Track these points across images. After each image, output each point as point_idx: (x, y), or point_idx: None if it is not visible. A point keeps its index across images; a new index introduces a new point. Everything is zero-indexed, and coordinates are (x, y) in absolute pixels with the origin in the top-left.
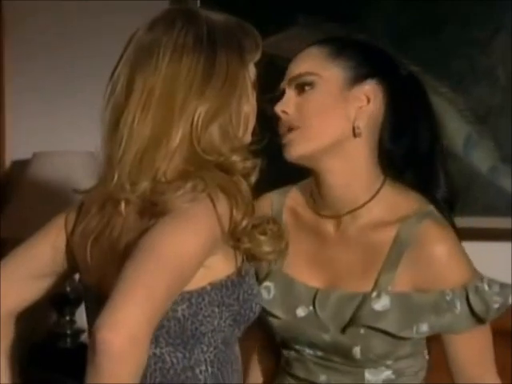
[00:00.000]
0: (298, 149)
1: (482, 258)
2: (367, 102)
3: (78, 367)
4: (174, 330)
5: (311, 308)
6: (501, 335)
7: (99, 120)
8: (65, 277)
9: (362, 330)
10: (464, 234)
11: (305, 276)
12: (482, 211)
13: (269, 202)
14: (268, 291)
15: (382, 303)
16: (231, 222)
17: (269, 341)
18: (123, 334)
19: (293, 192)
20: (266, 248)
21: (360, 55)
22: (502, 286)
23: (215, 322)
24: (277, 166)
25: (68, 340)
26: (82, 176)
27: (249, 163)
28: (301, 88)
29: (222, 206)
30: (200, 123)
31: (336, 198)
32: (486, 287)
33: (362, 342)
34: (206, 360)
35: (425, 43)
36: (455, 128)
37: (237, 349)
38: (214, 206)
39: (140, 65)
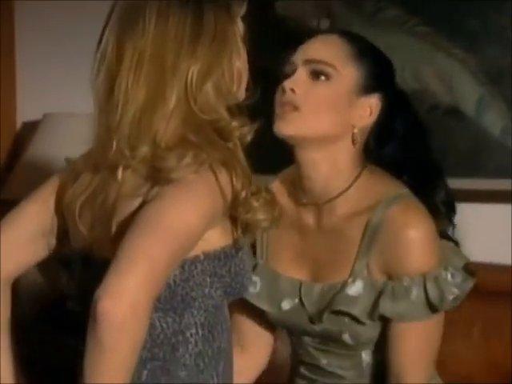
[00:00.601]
0: (290, 128)
1: (494, 220)
2: (369, 114)
3: None
4: (164, 295)
5: (297, 300)
6: (501, 296)
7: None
8: (59, 240)
9: (347, 319)
10: (476, 196)
11: (289, 269)
12: (493, 173)
13: None
14: (254, 285)
15: (355, 288)
16: (232, 193)
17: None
18: (124, 304)
19: (276, 183)
20: (261, 215)
21: (375, 65)
22: (466, 277)
23: (206, 290)
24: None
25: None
26: (91, 137)
27: (246, 129)
28: (315, 75)
29: (224, 178)
30: (194, 82)
31: (315, 188)
32: (449, 277)
33: (349, 328)
34: (196, 323)
35: (437, 3)
36: (467, 89)
37: (226, 310)
38: (217, 178)
39: (127, 29)
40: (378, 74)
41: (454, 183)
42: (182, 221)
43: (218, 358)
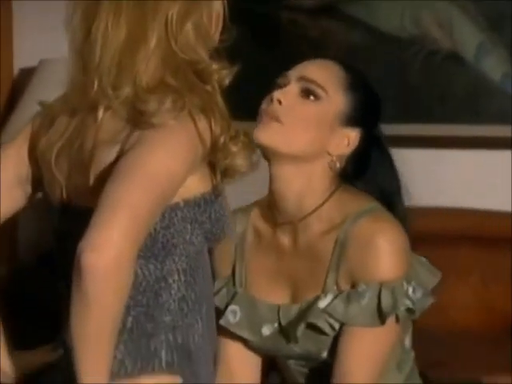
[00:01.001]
0: (269, 138)
1: (494, 167)
2: (346, 145)
3: None
4: (145, 243)
5: (276, 325)
6: (500, 242)
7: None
8: (34, 188)
9: (323, 336)
10: (476, 143)
11: (268, 294)
12: (493, 118)
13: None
14: (234, 315)
15: (325, 302)
16: (211, 139)
17: None
18: (108, 255)
19: (255, 209)
20: (239, 160)
21: (364, 101)
22: (426, 294)
23: (187, 237)
24: None
25: None
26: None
27: (225, 72)
28: (306, 93)
29: (203, 124)
30: (174, 23)
31: (288, 205)
32: (410, 290)
33: (326, 346)
34: (178, 270)
35: None
36: (467, 35)
37: (206, 254)
38: (196, 124)
39: None
40: (365, 111)
41: (454, 130)
42: (163, 168)
43: (201, 302)
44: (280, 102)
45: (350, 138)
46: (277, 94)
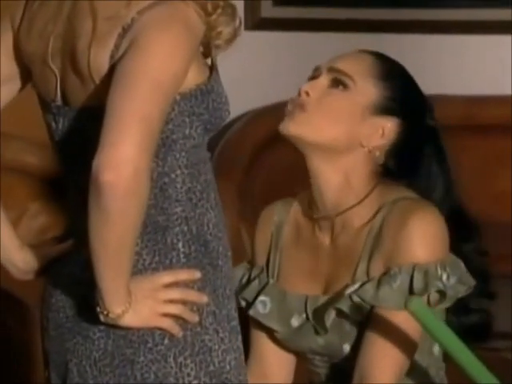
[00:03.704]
0: (295, 128)
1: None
2: (381, 135)
3: None
4: None
5: (304, 316)
6: (501, 129)
7: None
8: (24, 81)
9: (347, 326)
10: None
11: (298, 287)
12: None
13: (270, 214)
14: (264, 305)
15: (352, 288)
16: (204, 12)
17: None
18: (127, 172)
19: (297, 202)
20: (224, 27)
21: (400, 90)
22: (460, 282)
23: (186, 131)
24: None
25: None
26: None
27: None
28: (335, 83)
29: (193, 5)
30: None
31: (326, 200)
32: (445, 277)
33: (350, 338)
34: (180, 166)
35: None
36: None
37: (205, 147)
38: (187, 12)
39: None
40: (400, 100)
41: (455, 14)
42: (166, 71)
43: (209, 190)
44: (307, 94)
45: (385, 127)
46: (305, 87)
